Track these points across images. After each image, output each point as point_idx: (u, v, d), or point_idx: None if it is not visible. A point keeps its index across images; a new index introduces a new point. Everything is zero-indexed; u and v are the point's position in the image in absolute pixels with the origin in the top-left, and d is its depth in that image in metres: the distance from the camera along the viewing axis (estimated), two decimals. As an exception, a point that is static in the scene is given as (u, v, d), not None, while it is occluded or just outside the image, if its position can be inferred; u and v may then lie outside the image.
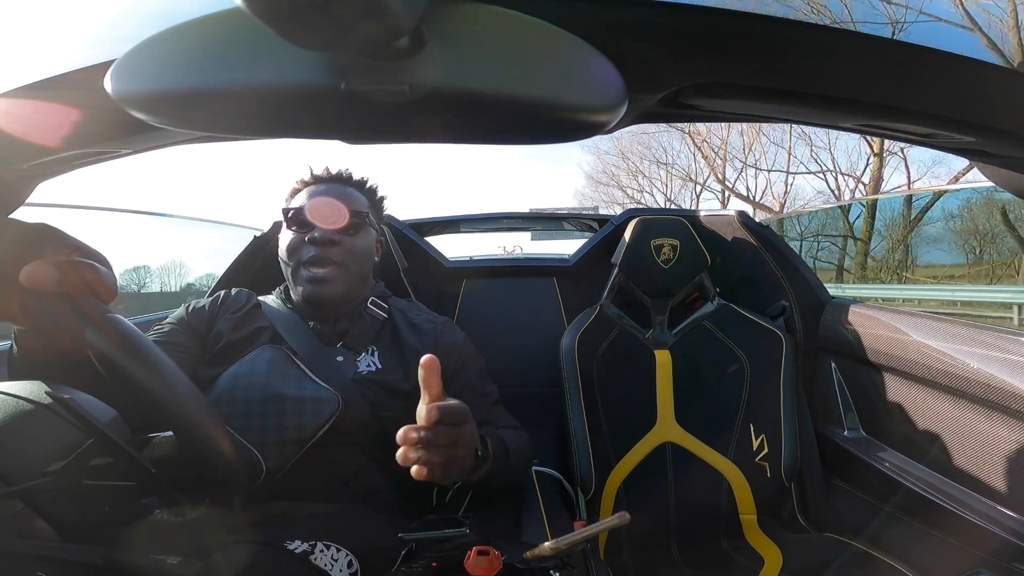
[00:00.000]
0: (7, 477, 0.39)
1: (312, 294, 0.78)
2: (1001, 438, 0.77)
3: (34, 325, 0.43)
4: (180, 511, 0.47)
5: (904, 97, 0.31)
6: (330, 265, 0.78)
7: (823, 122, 0.36)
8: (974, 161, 0.41)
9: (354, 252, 0.80)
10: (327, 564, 0.57)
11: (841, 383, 1.11)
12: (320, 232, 0.77)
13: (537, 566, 0.53)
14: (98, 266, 0.41)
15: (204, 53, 0.25)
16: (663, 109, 0.35)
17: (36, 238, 0.40)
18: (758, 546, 1.02)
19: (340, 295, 0.79)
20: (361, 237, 0.81)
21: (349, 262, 0.79)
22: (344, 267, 0.79)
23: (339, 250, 0.78)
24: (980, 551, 0.76)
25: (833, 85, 0.31)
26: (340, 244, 0.79)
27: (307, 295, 0.78)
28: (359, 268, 0.81)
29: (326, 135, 0.29)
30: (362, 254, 0.81)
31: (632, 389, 1.12)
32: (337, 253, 0.78)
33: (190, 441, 0.44)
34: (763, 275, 1.22)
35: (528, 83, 0.25)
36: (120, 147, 0.41)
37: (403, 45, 0.24)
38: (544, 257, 1.71)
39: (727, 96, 0.33)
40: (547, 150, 38.72)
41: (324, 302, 0.79)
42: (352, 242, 0.80)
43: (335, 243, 0.78)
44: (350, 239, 0.80)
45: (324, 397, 0.70)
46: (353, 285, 0.81)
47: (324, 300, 0.78)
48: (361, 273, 0.82)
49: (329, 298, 0.78)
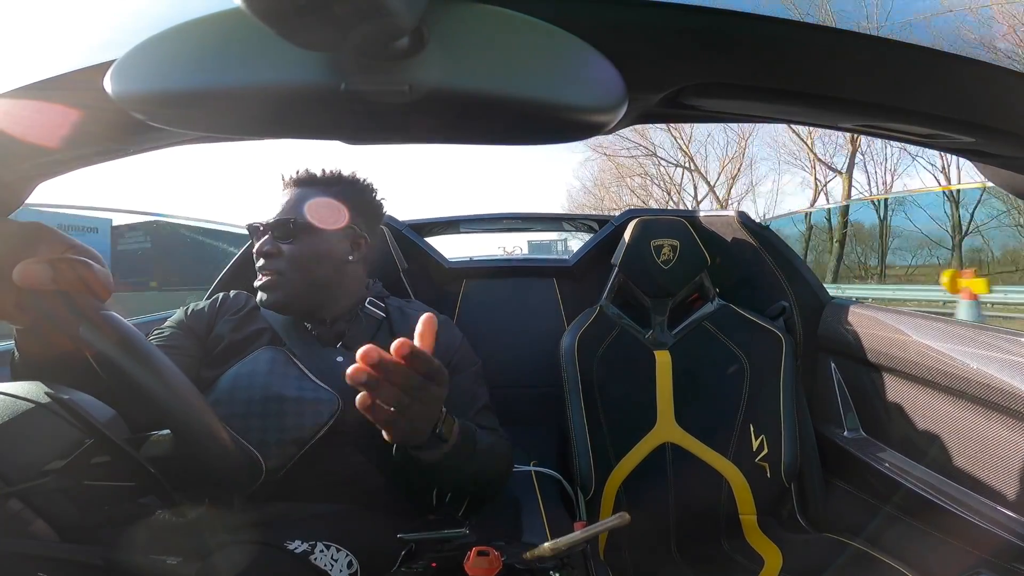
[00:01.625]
0: (7, 477, 0.39)
1: (260, 301, 0.78)
2: (1001, 438, 0.77)
3: (30, 324, 0.43)
4: (180, 511, 0.47)
5: (904, 97, 0.31)
6: (271, 274, 0.77)
7: (823, 122, 0.36)
8: (974, 161, 0.41)
9: (294, 259, 0.77)
10: (327, 564, 0.57)
11: (841, 383, 1.11)
12: (258, 243, 0.78)
13: (537, 566, 0.53)
14: (93, 263, 0.41)
15: (204, 53, 0.25)
16: (663, 109, 0.35)
17: (30, 237, 0.40)
18: (758, 546, 1.02)
19: (284, 302, 0.77)
20: (302, 243, 0.78)
21: (287, 270, 0.77)
22: (283, 275, 0.77)
23: (279, 259, 0.77)
24: (980, 551, 0.76)
25: (833, 85, 0.31)
26: (278, 254, 0.77)
27: (258, 302, 0.79)
28: (306, 275, 0.78)
29: (326, 135, 0.29)
30: (305, 260, 0.78)
31: (632, 389, 1.12)
32: (276, 262, 0.77)
33: (188, 439, 0.44)
34: (763, 275, 1.22)
35: (528, 83, 0.25)
36: (120, 147, 0.41)
37: (403, 45, 0.24)
38: (544, 257, 1.71)
39: (727, 96, 0.33)
40: (549, 151, 38.76)
41: (274, 308, 0.79)
42: (291, 250, 0.77)
43: (271, 254, 0.77)
44: (289, 247, 0.77)
45: (324, 398, 0.70)
46: (301, 292, 0.78)
47: (272, 306, 0.78)
48: (311, 279, 0.79)
49: (275, 304, 0.77)
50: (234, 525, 0.53)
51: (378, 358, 0.47)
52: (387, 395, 0.50)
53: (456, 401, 0.79)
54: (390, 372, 0.49)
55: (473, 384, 0.83)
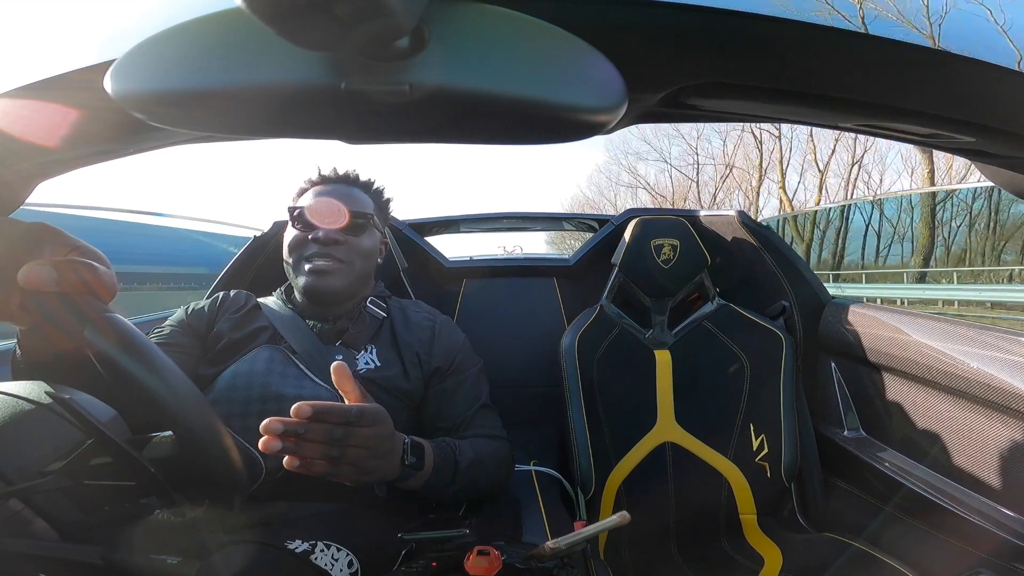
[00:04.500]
0: (7, 477, 0.39)
1: (313, 285, 0.78)
2: (1001, 438, 0.77)
3: (34, 325, 0.43)
4: (180, 511, 0.47)
5: (904, 97, 0.31)
6: (333, 261, 0.79)
7: (823, 122, 0.36)
8: (974, 161, 0.41)
9: (357, 251, 0.81)
10: (327, 564, 0.57)
11: (841, 383, 1.11)
12: (323, 231, 0.78)
13: (537, 566, 0.53)
14: (97, 265, 0.41)
15: (204, 53, 0.25)
16: (663, 109, 0.35)
17: (34, 238, 0.40)
18: (758, 546, 1.02)
19: (340, 289, 0.80)
20: (364, 238, 0.82)
21: (352, 259, 0.80)
22: (348, 264, 0.80)
23: (342, 249, 0.80)
24: (980, 551, 0.76)
25: (833, 85, 0.31)
26: (344, 243, 0.80)
27: (308, 286, 0.79)
28: (362, 267, 0.82)
29: (326, 135, 0.29)
30: (365, 254, 0.82)
31: (632, 389, 1.12)
32: (340, 251, 0.79)
33: (190, 441, 0.44)
34: (763, 275, 1.22)
35: (528, 83, 0.25)
36: (120, 147, 0.41)
37: (403, 45, 0.24)
38: (544, 257, 1.70)
39: (727, 96, 0.33)
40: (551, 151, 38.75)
41: (324, 295, 0.79)
42: (356, 242, 0.81)
43: (338, 242, 0.79)
44: (354, 239, 0.81)
45: (323, 396, 0.70)
46: (354, 282, 0.81)
47: (324, 293, 0.79)
48: (363, 272, 0.83)
49: (329, 291, 0.79)
50: (234, 525, 0.53)
51: (281, 427, 0.49)
52: (309, 451, 0.51)
53: (458, 399, 0.80)
54: (301, 433, 0.50)
55: (475, 383, 0.84)
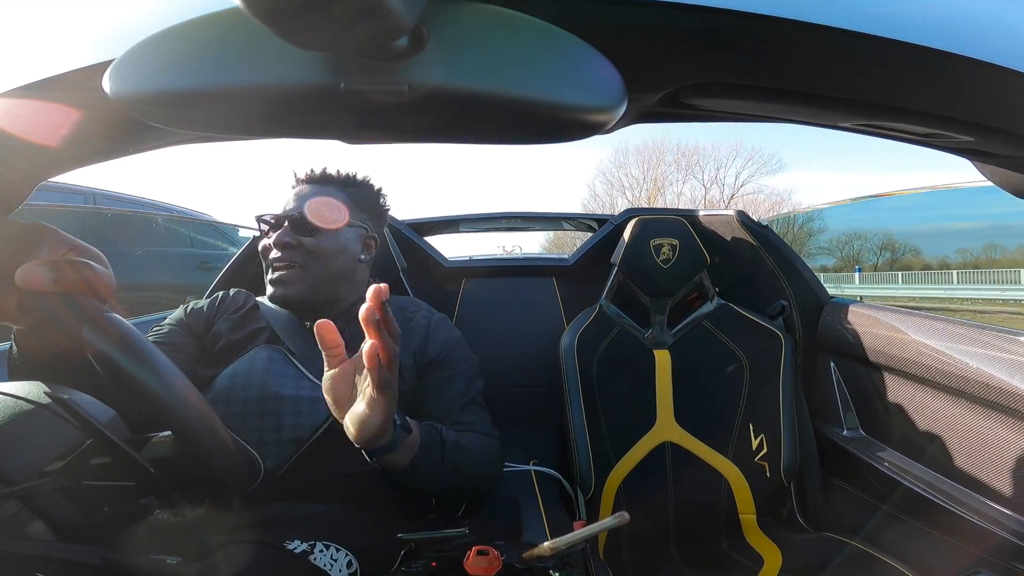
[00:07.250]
0: (7, 477, 0.39)
1: (274, 295, 0.78)
2: (1000, 438, 0.77)
3: (32, 325, 0.43)
4: (180, 511, 0.47)
5: (904, 97, 0.31)
6: (290, 266, 0.77)
7: (822, 122, 0.36)
8: (973, 161, 0.41)
9: (315, 253, 0.78)
10: (326, 564, 0.57)
11: (840, 383, 1.11)
12: (275, 235, 0.78)
13: (536, 566, 0.53)
14: (95, 265, 0.40)
15: (203, 53, 0.25)
16: (662, 109, 0.35)
17: (32, 238, 0.40)
18: (757, 546, 1.02)
19: (305, 295, 0.78)
20: (324, 238, 0.79)
21: (309, 262, 0.78)
22: (305, 268, 0.77)
23: (298, 252, 0.77)
24: (980, 551, 0.76)
25: (833, 85, 0.31)
26: (296, 246, 0.77)
27: (271, 295, 0.79)
28: (324, 269, 0.79)
29: (325, 135, 0.29)
30: (326, 254, 0.79)
31: (631, 389, 1.12)
32: (296, 255, 0.77)
33: (189, 441, 0.44)
34: (762, 275, 1.23)
35: (528, 83, 0.25)
36: (119, 147, 0.41)
37: (402, 45, 0.24)
38: (544, 257, 1.70)
39: (726, 96, 0.33)
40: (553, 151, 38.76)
41: (290, 303, 0.79)
42: (311, 243, 0.78)
43: (291, 245, 0.77)
44: (310, 240, 0.78)
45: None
46: (319, 285, 0.79)
47: (289, 301, 0.78)
48: (330, 273, 0.80)
49: (294, 298, 0.78)
50: (234, 525, 0.53)
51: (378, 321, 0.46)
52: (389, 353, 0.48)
53: (448, 391, 0.80)
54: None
55: (467, 377, 0.83)
